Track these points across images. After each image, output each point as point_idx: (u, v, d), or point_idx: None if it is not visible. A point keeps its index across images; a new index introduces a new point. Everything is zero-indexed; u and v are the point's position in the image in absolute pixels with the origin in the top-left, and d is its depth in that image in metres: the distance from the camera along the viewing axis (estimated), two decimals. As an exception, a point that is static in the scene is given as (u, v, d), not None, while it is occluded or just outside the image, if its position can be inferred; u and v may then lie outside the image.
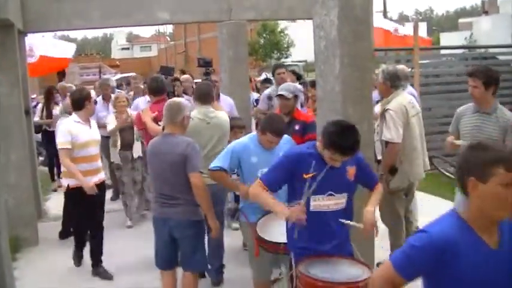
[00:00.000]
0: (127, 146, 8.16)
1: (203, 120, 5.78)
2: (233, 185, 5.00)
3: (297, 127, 5.82)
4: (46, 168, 11.33)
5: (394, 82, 5.69)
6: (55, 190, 10.81)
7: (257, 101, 9.96)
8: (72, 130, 6.03)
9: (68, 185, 6.14)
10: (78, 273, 6.50)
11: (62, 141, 6.04)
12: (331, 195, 3.77)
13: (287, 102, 5.96)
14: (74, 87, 10.39)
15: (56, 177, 10.88)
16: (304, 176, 3.66)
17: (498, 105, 5.15)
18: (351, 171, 3.82)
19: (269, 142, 4.63)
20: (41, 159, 12.04)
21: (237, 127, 6.48)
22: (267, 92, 8.85)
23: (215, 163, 4.75)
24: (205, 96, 5.94)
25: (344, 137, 3.55)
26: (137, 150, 8.19)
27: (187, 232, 4.82)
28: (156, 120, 6.34)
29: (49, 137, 10.12)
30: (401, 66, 7.06)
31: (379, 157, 5.80)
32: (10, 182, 7.26)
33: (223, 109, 6.58)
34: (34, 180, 8.19)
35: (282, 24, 38.76)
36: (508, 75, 11.16)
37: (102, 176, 6.40)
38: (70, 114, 6.61)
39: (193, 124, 5.42)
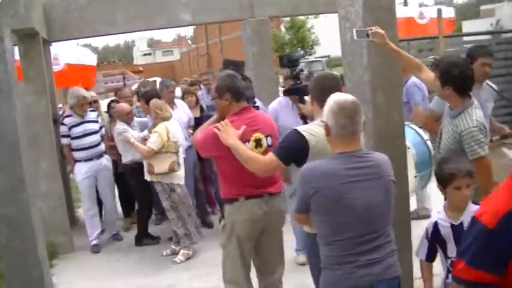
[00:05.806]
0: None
1: None
2: None
3: None
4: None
5: None
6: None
7: None
8: None
9: None
10: (114, 279, 6.54)
11: None
12: None
13: None
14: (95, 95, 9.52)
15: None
16: None
17: (467, 108, 4.23)
18: None
19: None
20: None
21: None
22: None
23: None
24: None
25: None
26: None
27: None
28: (242, 140, 4.12)
29: None
30: None
31: None
32: (41, 190, 7.30)
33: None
34: (66, 188, 8.25)
35: (310, 22, 39.19)
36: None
37: None
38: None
39: (323, 137, 3.39)
